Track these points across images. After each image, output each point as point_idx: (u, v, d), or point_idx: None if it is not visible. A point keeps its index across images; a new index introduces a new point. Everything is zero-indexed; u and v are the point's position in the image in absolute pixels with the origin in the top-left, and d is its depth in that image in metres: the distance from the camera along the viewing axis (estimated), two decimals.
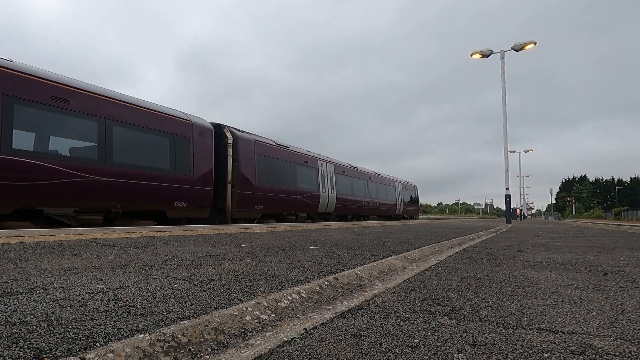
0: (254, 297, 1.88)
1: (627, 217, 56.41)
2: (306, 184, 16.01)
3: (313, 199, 16.20)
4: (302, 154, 16.19)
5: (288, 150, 15.18)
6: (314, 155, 17.29)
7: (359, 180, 21.38)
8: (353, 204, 19.98)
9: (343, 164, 19.94)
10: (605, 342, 1.41)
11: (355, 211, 20.35)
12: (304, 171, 15.96)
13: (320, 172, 17.10)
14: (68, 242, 3.94)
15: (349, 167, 20.53)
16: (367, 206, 21.92)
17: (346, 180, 19.78)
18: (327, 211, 17.45)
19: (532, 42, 17.01)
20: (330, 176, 17.97)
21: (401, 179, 29.28)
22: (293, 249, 4.03)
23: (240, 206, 12.11)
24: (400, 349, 1.32)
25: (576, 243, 6.18)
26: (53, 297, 1.73)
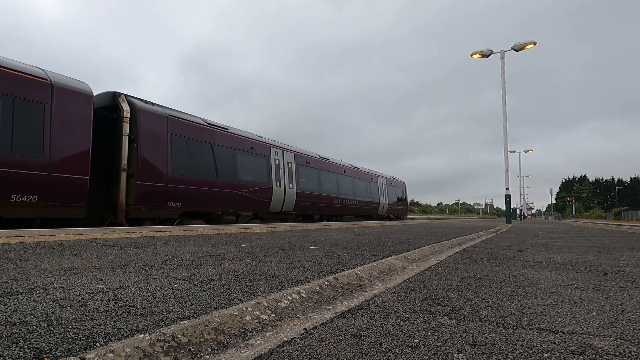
0: (254, 297, 1.88)
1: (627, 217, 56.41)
2: (252, 175, 13.10)
3: (262, 195, 13.22)
4: (245, 138, 13.12)
5: (224, 132, 12.15)
6: (265, 141, 14.27)
7: (330, 174, 18.40)
8: (320, 202, 17.11)
9: (308, 154, 17.00)
10: (605, 342, 1.41)
11: (324, 210, 17.59)
12: (248, 160, 12.98)
13: (273, 162, 14.06)
14: (68, 242, 3.94)
15: (316, 158, 17.50)
16: (341, 204, 18.96)
17: (311, 173, 16.84)
18: (284, 209, 14.60)
19: (532, 42, 17.01)
20: (289, 167, 15.01)
21: (386, 175, 26.20)
22: (293, 249, 4.03)
23: (142, 202, 9.29)
24: (400, 349, 1.32)
25: (576, 243, 6.18)
26: (53, 297, 1.73)
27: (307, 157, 16.83)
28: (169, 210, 9.99)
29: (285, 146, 15.46)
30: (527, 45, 17.08)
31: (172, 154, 10.10)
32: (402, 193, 28.58)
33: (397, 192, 27.57)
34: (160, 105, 10.39)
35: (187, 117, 10.99)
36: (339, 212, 19.10)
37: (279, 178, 14.31)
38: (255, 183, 13.13)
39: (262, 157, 13.74)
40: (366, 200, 22.19)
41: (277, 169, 14.32)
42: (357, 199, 20.82)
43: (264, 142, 14.13)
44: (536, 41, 17.01)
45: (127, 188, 9.06)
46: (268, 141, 14.45)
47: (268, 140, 14.54)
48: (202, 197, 10.96)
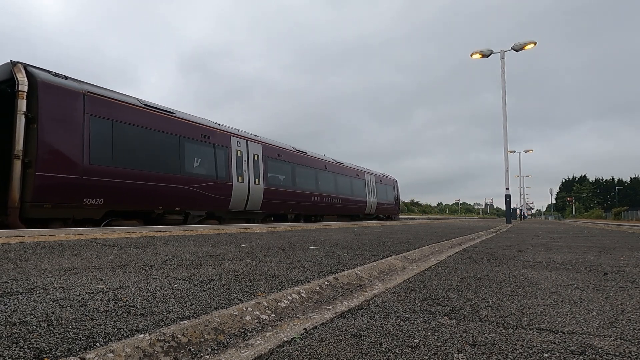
0: (254, 297, 1.88)
1: (627, 217, 56.40)
2: (205, 168, 11.21)
3: (219, 191, 11.36)
4: (196, 125, 11.14)
5: (167, 117, 10.22)
6: (224, 129, 12.28)
7: (307, 170, 16.39)
8: (295, 200, 15.10)
9: (280, 147, 14.99)
10: (605, 342, 1.41)
11: (300, 209, 15.58)
12: (200, 150, 11.14)
13: (234, 154, 12.10)
14: (68, 242, 3.94)
15: (290, 151, 15.42)
16: (320, 203, 16.93)
17: (284, 167, 14.88)
18: (249, 208, 12.61)
19: (532, 42, 17.01)
20: (255, 160, 13.01)
21: (375, 171, 24.14)
22: (293, 249, 4.03)
23: (44, 198, 7.45)
24: (400, 349, 1.32)
25: (576, 243, 6.18)
26: (53, 297, 1.73)
27: (278, 149, 14.70)
28: (87, 209, 8.10)
29: (251, 136, 13.44)
30: (527, 45, 17.09)
31: (90, 139, 8.17)
32: (393, 191, 26.38)
33: (388, 190, 25.38)
34: (77, 80, 8.49)
35: (115, 96, 9.05)
36: (318, 211, 17.13)
37: (241, 172, 12.26)
38: (210, 177, 11.17)
39: (220, 147, 11.68)
40: (351, 198, 19.99)
41: (239, 162, 12.27)
42: (340, 197, 18.72)
43: (222, 130, 12.06)
44: (536, 41, 17.02)
45: (23, 180, 7.24)
46: (228, 129, 12.37)
47: (228, 129, 12.43)
48: (136, 193, 9.01)
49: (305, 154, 16.68)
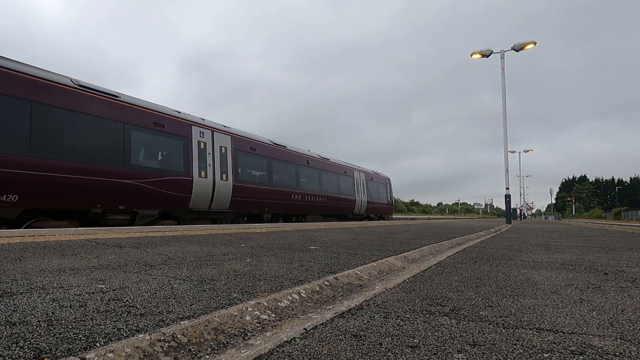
0: (254, 297, 1.88)
1: (627, 217, 56.41)
2: (158, 161, 9.97)
3: (176, 187, 9.96)
4: (147, 111, 9.68)
5: (108, 100, 8.75)
6: (183, 117, 10.78)
7: (287, 165, 14.98)
8: (272, 198, 13.67)
9: (254, 139, 13.50)
10: (605, 342, 1.41)
11: (278, 208, 14.17)
12: (152, 140, 9.78)
13: (195, 145, 10.72)
14: (68, 242, 3.94)
15: (266, 144, 14.00)
16: (302, 202, 15.49)
17: (258, 162, 13.42)
18: (215, 207, 11.28)
19: (532, 42, 17.01)
20: (223, 154, 11.65)
21: (365, 168, 22.64)
22: (293, 249, 4.03)
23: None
24: (400, 349, 1.32)
25: (576, 243, 6.18)
26: (53, 297, 1.73)
27: (251, 142, 13.18)
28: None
29: (218, 127, 11.99)
30: (527, 45, 17.09)
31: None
32: (385, 190, 24.80)
33: (379, 188, 23.84)
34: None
35: (37, 73, 7.63)
36: (299, 211, 15.72)
37: (204, 166, 10.86)
38: (164, 171, 9.81)
39: (177, 137, 10.30)
40: (338, 197, 18.47)
41: (201, 155, 10.85)
42: (325, 196, 17.25)
43: (180, 118, 10.58)
44: (536, 41, 17.02)
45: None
46: (189, 118, 10.90)
47: (190, 117, 10.96)
48: (64, 188, 7.72)
49: (285, 148, 15.21)
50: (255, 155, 13.28)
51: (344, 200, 19.15)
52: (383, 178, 24.97)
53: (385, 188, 24.83)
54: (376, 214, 23.36)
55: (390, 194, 25.99)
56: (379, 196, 23.70)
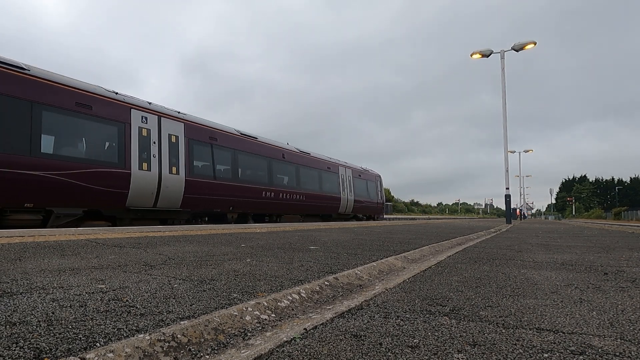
0: (254, 297, 1.88)
1: (627, 217, 56.42)
2: (83, 149, 8.48)
3: (107, 182, 8.51)
4: (65, 89, 8.09)
5: (11, 74, 7.27)
6: (120, 99, 9.17)
7: (257, 159, 13.32)
8: (238, 196, 12.10)
9: (215, 128, 11.84)
10: (605, 342, 1.41)
11: (245, 207, 12.50)
12: (73, 124, 8.22)
13: (136, 133, 9.15)
14: (68, 242, 3.94)
15: (230, 135, 12.30)
16: (276, 200, 13.87)
17: (221, 154, 11.77)
18: (162, 205, 9.75)
19: (532, 42, 17.02)
20: (173, 143, 10.08)
21: (352, 164, 20.83)
22: (293, 249, 4.03)
23: None
24: (400, 349, 1.32)
25: (576, 243, 6.18)
26: (53, 297, 1.73)
27: (212, 131, 11.55)
28: None
29: (169, 112, 10.34)
30: (527, 45, 17.09)
31: None
32: (375, 188, 23.07)
33: (369, 186, 22.14)
34: None
35: None
36: (273, 209, 14.09)
37: (147, 157, 9.30)
38: (90, 162, 8.29)
39: (110, 122, 8.76)
40: (320, 194, 16.81)
41: (143, 144, 9.29)
42: (304, 193, 15.55)
43: (115, 99, 9.00)
44: (536, 41, 17.02)
45: None
46: (128, 100, 9.29)
47: (129, 99, 9.35)
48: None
49: (255, 139, 13.48)
50: (216, 146, 11.59)
51: (327, 199, 17.40)
52: (373, 175, 23.19)
53: (375, 186, 23.07)
54: (365, 213, 21.68)
55: (381, 192, 24.19)
56: (368, 194, 22.01)
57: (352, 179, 20.06)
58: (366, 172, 22.46)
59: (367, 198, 21.76)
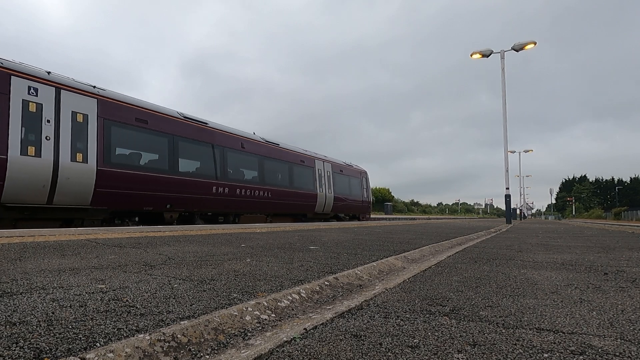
0: (254, 297, 1.88)
1: (627, 217, 56.43)
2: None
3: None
4: None
5: None
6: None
7: (204, 147, 11.20)
8: (177, 191, 10.08)
9: (145, 108, 9.75)
10: (605, 342, 1.41)
11: (187, 204, 10.46)
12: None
13: (17, 106, 7.27)
14: (68, 242, 3.94)
15: (166, 118, 10.23)
16: (231, 196, 11.76)
17: (153, 141, 9.83)
18: (60, 201, 7.90)
19: (532, 42, 17.01)
20: (78, 123, 8.16)
21: (333, 159, 18.82)
22: (293, 249, 4.03)
23: None
24: (400, 349, 1.32)
25: (576, 243, 6.18)
26: (53, 297, 1.73)
27: (141, 111, 9.52)
28: None
29: (76, 85, 8.37)
30: (527, 45, 17.09)
31: None
32: (360, 185, 20.97)
33: (352, 183, 20.07)
34: None
35: None
36: (228, 208, 11.89)
37: (35, 140, 7.45)
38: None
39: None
40: (290, 191, 14.69)
41: (30, 122, 7.42)
42: (270, 189, 13.41)
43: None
44: (536, 41, 17.02)
45: None
46: (8, 65, 7.33)
47: (9, 65, 7.37)
48: None
49: (205, 125, 11.40)
50: (147, 130, 9.55)
51: (300, 196, 15.23)
52: (357, 171, 21.02)
53: (359, 183, 20.90)
54: (348, 213, 19.57)
55: (367, 189, 21.95)
56: (351, 192, 19.81)
57: (331, 174, 18.02)
58: (349, 167, 20.32)
59: (350, 195, 19.65)
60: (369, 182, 22.24)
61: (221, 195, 11.50)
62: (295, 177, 15.35)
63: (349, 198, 19.45)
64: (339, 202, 18.42)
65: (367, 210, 21.75)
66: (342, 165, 19.60)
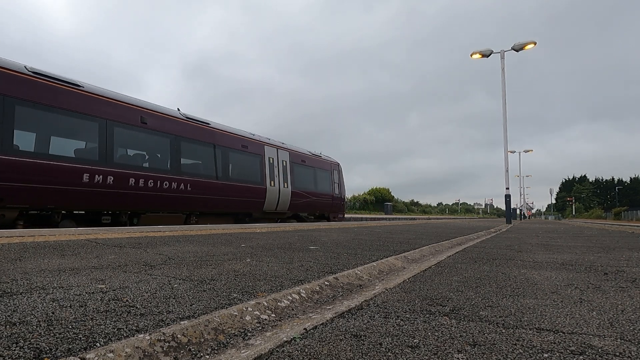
0: (254, 297, 1.88)
1: (627, 217, 56.44)
2: None
3: None
4: None
5: None
6: None
7: (70, 118, 8.12)
8: (15, 179, 7.06)
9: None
10: (605, 342, 1.41)
11: (36, 199, 7.43)
12: None
13: None
14: (68, 242, 3.93)
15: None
16: (115, 188, 8.64)
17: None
18: None
19: (532, 42, 17.02)
20: None
21: (292, 146, 15.61)
22: (293, 249, 4.03)
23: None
24: (400, 349, 1.32)
25: (576, 243, 6.18)
26: (53, 297, 1.73)
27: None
28: None
29: None
30: (527, 45, 17.10)
31: None
32: (330, 179, 17.62)
33: (319, 176, 16.80)
34: None
35: None
36: (116, 204, 8.83)
37: None
38: None
39: None
40: (224, 183, 11.54)
41: None
42: (189, 181, 10.34)
43: None
44: (536, 41, 17.02)
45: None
46: None
47: None
48: None
49: (76, 88, 8.26)
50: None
51: (240, 190, 12.10)
52: (325, 162, 17.60)
53: (329, 176, 17.58)
54: (312, 211, 16.43)
55: (340, 185, 18.54)
56: (317, 187, 16.52)
57: (289, 164, 14.73)
58: (316, 157, 16.96)
59: (315, 191, 16.29)
60: (341, 175, 18.83)
61: (101, 186, 8.36)
62: (234, 166, 12.20)
63: (313, 194, 16.05)
64: (299, 199, 15.07)
65: (338, 208, 18.39)
66: (306, 154, 16.19)
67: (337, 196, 18.23)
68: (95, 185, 8.31)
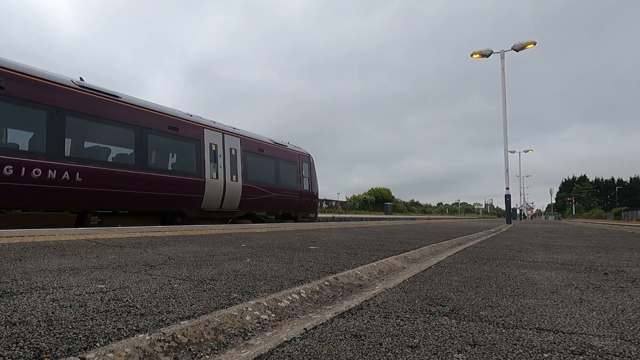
0: (254, 297, 1.88)
1: (627, 217, 56.45)
2: None
3: None
4: None
5: None
6: None
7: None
8: None
9: None
10: (605, 342, 1.41)
11: None
12: None
13: None
14: (68, 242, 3.93)
15: None
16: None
17: None
18: None
19: (532, 42, 17.02)
20: None
21: (247, 133, 12.94)
22: (293, 249, 4.03)
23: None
24: (400, 349, 1.32)
25: (576, 243, 6.18)
26: (53, 297, 1.73)
27: None
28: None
29: None
30: (528, 45, 17.10)
31: None
32: (297, 172, 14.91)
33: (283, 169, 14.09)
34: None
35: None
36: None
37: None
38: None
39: None
40: (142, 174, 9.27)
41: None
42: (84, 169, 8.05)
43: None
44: (536, 41, 17.02)
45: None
46: None
47: None
48: None
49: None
50: None
51: (162, 183, 9.74)
52: (293, 153, 14.84)
53: (296, 169, 14.86)
54: (272, 210, 13.78)
55: (311, 180, 15.70)
56: (279, 181, 13.78)
57: (240, 153, 12.12)
58: (279, 147, 14.15)
59: (277, 185, 13.62)
60: (313, 169, 15.93)
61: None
62: (157, 153, 9.93)
63: (274, 189, 13.40)
64: (254, 195, 12.48)
65: (308, 207, 15.48)
66: (265, 143, 13.45)
67: (307, 192, 15.32)
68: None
